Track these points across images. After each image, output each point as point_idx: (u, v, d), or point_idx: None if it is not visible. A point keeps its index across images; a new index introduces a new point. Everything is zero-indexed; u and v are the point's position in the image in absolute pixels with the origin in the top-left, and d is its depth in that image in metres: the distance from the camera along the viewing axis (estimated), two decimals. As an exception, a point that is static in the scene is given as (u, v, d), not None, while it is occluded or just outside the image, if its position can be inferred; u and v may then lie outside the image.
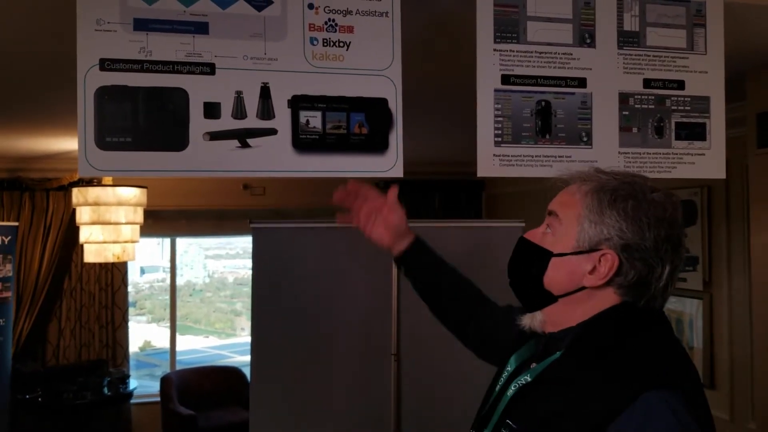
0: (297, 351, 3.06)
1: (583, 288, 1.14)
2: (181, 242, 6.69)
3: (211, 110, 1.66)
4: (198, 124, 1.65)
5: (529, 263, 1.20)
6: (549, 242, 1.17)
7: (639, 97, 1.91)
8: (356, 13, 1.76)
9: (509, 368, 1.25)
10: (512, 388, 1.17)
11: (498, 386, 1.25)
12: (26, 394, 5.09)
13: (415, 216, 6.93)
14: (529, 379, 1.15)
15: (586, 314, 1.14)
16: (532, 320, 1.21)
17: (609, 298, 1.13)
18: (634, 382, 1.01)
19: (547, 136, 1.85)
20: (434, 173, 6.30)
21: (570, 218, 1.15)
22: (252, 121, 1.69)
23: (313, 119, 1.73)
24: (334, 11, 1.75)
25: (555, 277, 1.16)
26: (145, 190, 4.44)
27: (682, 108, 1.94)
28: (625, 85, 1.90)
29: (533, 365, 1.18)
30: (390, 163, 1.80)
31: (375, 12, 1.78)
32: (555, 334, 1.17)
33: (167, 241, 6.58)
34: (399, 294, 3.02)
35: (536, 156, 1.85)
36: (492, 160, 1.83)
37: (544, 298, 1.18)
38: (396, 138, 1.78)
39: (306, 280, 3.05)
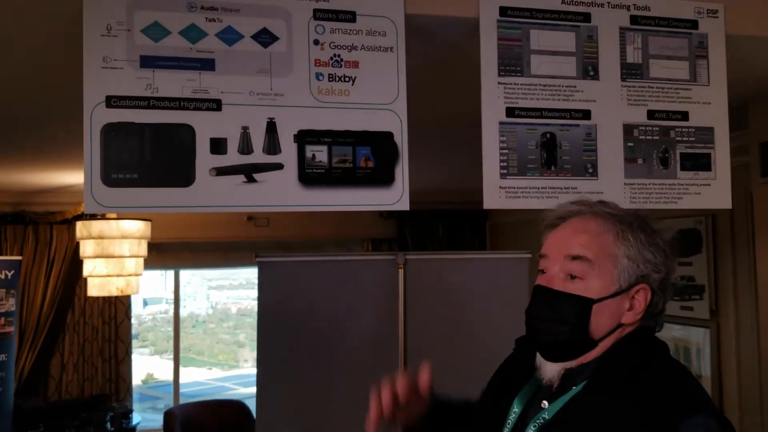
0: (303, 384, 3.04)
1: (620, 325, 1.15)
2: (184, 273, 6.68)
3: (218, 146, 1.67)
4: (204, 160, 1.66)
5: (568, 315, 1.14)
6: (581, 288, 1.14)
7: (643, 128, 1.92)
8: (361, 49, 1.78)
9: (516, 410, 1.21)
10: (531, 429, 1.14)
11: (507, 429, 1.21)
12: (28, 429, 5.03)
13: (420, 247, 6.89)
14: (547, 417, 1.13)
15: (608, 345, 1.15)
16: (559, 369, 1.16)
17: (631, 327, 1.16)
18: (673, 409, 1.02)
19: (553, 168, 1.86)
20: (437, 203, 6.30)
21: (603, 259, 1.14)
22: (258, 156, 1.69)
23: (319, 153, 1.74)
24: (339, 47, 1.76)
25: (598, 322, 1.13)
26: (149, 223, 4.44)
27: (686, 139, 1.94)
28: (629, 117, 1.91)
29: (545, 404, 1.16)
30: (396, 196, 1.80)
31: (380, 47, 1.79)
32: (572, 369, 1.15)
33: (170, 272, 6.57)
34: (406, 328, 3.01)
35: (542, 188, 1.85)
36: (498, 192, 1.83)
37: (587, 346, 1.15)
38: (402, 171, 1.78)
39: (312, 314, 3.04)
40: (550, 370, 1.17)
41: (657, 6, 1.94)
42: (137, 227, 4.33)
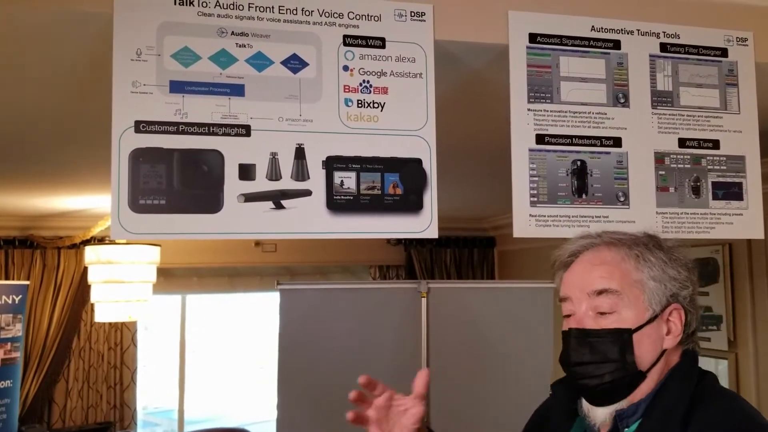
0: (323, 414, 2.98)
1: (663, 352, 1.11)
2: (191, 298, 6.62)
3: (246, 172, 1.64)
4: (233, 186, 1.63)
5: (610, 352, 1.08)
6: (614, 321, 1.10)
7: (675, 156, 1.89)
8: (390, 75, 1.76)
9: None
10: None
11: None
12: (31, 457, 4.96)
13: (427, 273, 6.82)
14: None
15: (657, 379, 1.10)
16: (610, 412, 1.11)
17: (675, 353, 1.13)
18: None
19: (584, 196, 1.83)
20: (445, 229, 6.28)
21: (629, 287, 1.10)
22: (287, 182, 1.67)
23: (348, 180, 1.71)
24: (368, 73, 1.75)
25: (642, 352, 1.09)
26: (158, 248, 4.40)
27: (718, 167, 1.92)
28: (660, 145, 1.88)
29: None
30: (425, 224, 1.77)
31: (409, 73, 1.77)
32: (623, 410, 1.10)
33: (177, 297, 6.52)
34: (429, 357, 2.96)
35: (573, 216, 1.82)
36: (528, 221, 1.80)
37: (636, 380, 1.10)
38: (430, 198, 1.76)
39: (333, 341, 2.99)
40: (601, 415, 1.11)
41: (686, 34, 1.92)
42: (147, 252, 4.29)
